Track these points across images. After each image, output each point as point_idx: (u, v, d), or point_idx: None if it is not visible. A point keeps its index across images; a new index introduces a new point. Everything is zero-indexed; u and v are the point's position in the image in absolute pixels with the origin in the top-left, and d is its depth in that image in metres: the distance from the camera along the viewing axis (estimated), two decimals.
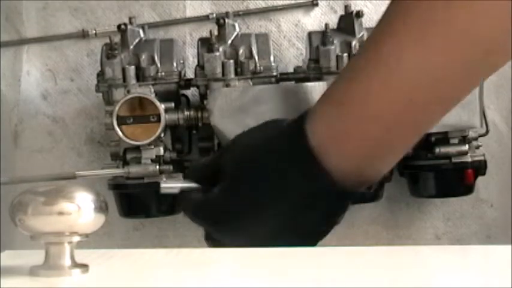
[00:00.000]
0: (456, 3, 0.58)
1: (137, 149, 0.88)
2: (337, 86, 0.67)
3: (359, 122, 0.63)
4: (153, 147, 0.88)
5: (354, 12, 0.90)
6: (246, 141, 0.71)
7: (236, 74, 0.88)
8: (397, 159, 0.67)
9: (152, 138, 0.86)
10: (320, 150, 0.64)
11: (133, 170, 0.87)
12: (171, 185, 0.71)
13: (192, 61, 0.98)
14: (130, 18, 0.92)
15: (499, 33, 0.58)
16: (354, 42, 0.89)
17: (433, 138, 0.89)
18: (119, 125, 0.86)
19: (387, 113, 0.62)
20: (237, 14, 0.98)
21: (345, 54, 0.88)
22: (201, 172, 0.73)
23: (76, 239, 0.47)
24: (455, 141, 0.90)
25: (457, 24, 0.59)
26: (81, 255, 0.48)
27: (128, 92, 0.87)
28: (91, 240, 0.49)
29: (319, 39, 0.89)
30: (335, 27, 0.93)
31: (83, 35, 0.99)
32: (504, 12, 0.57)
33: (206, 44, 0.88)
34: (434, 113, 0.64)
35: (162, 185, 0.70)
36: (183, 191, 0.71)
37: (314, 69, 0.89)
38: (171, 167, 0.89)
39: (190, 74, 0.95)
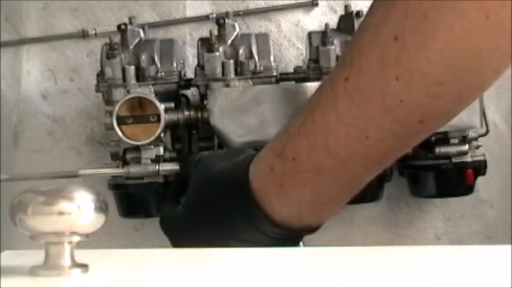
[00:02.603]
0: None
1: (137, 149, 0.88)
2: (281, 134, 0.67)
3: (299, 172, 0.64)
4: (153, 147, 0.88)
5: (354, 12, 0.90)
6: (206, 167, 0.72)
7: (236, 74, 0.88)
8: (339, 206, 0.68)
9: (152, 138, 0.86)
10: (260, 194, 0.65)
11: (133, 170, 0.87)
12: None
13: (192, 61, 0.98)
14: (130, 18, 0.92)
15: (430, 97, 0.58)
16: None
17: (433, 138, 0.89)
18: (118, 125, 0.86)
19: (328, 166, 0.63)
20: (237, 14, 0.98)
21: None
22: (186, 170, 0.75)
23: (76, 239, 0.47)
24: (455, 141, 0.90)
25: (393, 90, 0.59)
26: (81, 255, 0.48)
27: (128, 92, 0.87)
28: (91, 240, 0.49)
29: (319, 39, 0.89)
30: (335, 27, 0.93)
31: (83, 35, 0.99)
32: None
33: (206, 44, 0.88)
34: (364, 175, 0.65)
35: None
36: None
37: (314, 69, 0.89)
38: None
39: (190, 74, 0.95)
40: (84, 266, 0.48)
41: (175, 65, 0.90)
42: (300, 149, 0.63)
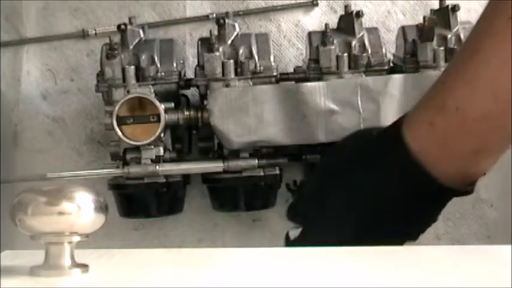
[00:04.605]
0: None
1: (137, 149, 0.88)
2: (435, 90, 0.67)
3: (464, 122, 0.64)
4: (153, 147, 0.88)
5: (354, 12, 0.90)
6: (338, 159, 0.73)
7: (236, 74, 0.88)
8: (501, 155, 0.68)
9: (152, 138, 0.86)
10: (422, 154, 0.65)
11: (133, 170, 0.87)
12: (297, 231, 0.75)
13: (192, 61, 0.98)
14: (130, 18, 0.92)
15: None
16: (354, 42, 0.89)
17: None
18: (118, 125, 0.86)
19: (494, 110, 0.62)
20: (237, 14, 0.98)
21: (345, 54, 0.88)
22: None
23: (76, 239, 0.47)
24: None
25: None
26: (81, 255, 0.48)
27: (128, 92, 0.87)
28: (91, 240, 0.49)
29: (319, 39, 0.89)
30: (335, 27, 0.93)
31: (83, 35, 0.99)
32: None
33: (206, 44, 0.88)
34: None
35: (291, 232, 0.75)
36: None
37: (314, 69, 0.89)
38: None
39: (190, 74, 0.95)
40: (84, 266, 0.48)
41: (175, 65, 0.90)
42: (463, 99, 0.63)
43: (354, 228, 0.69)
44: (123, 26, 0.90)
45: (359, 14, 0.90)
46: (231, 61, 0.88)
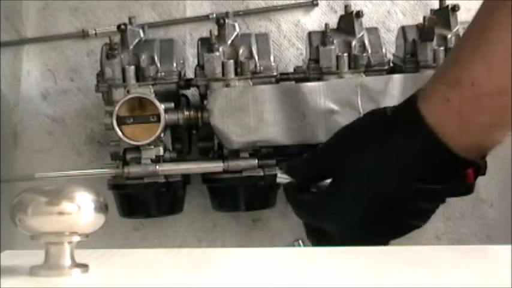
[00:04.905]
0: None
1: (137, 149, 0.88)
2: (449, 66, 0.68)
3: (480, 97, 0.64)
4: (153, 147, 0.88)
5: (354, 12, 0.90)
6: (353, 135, 0.73)
7: (236, 74, 0.88)
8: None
9: (152, 138, 0.86)
10: (438, 128, 0.66)
11: (133, 170, 0.87)
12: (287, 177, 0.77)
13: (192, 61, 0.98)
14: (130, 18, 0.92)
15: None
16: (354, 42, 0.89)
17: None
18: (118, 125, 0.86)
19: (509, 85, 0.63)
20: (237, 14, 0.98)
21: (345, 54, 0.88)
22: (305, 171, 0.75)
23: (76, 239, 0.47)
24: None
25: None
26: (81, 255, 0.48)
27: (128, 92, 0.87)
28: (91, 240, 0.49)
29: (319, 39, 0.89)
30: (335, 27, 0.93)
31: (83, 35, 0.99)
32: None
33: (206, 44, 0.88)
34: None
35: (279, 175, 0.76)
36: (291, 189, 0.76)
37: (314, 69, 0.89)
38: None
39: (190, 74, 0.95)
40: (84, 266, 0.48)
41: (175, 65, 0.90)
42: (478, 74, 0.64)
43: (370, 207, 0.70)
44: (123, 26, 0.90)
45: (359, 14, 0.90)
46: (231, 61, 0.88)
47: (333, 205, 0.72)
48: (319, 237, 0.75)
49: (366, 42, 0.89)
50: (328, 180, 0.73)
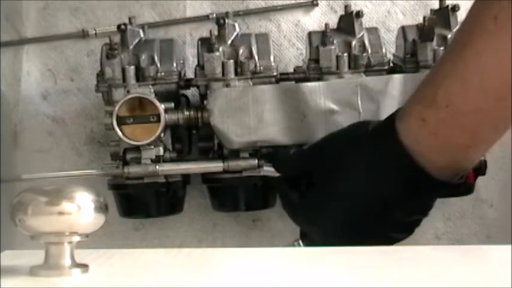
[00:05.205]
0: None
1: (137, 149, 0.88)
2: (426, 86, 0.68)
3: (455, 117, 0.65)
4: (152, 147, 0.88)
5: (354, 12, 0.90)
6: (334, 144, 0.75)
7: (236, 74, 0.88)
8: (490, 148, 0.70)
9: (152, 138, 0.86)
10: (415, 148, 0.67)
11: (133, 170, 0.87)
12: (272, 169, 0.81)
13: (192, 61, 0.98)
14: (130, 18, 0.92)
15: None
16: (354, 42, 0.89)
17: None
18: (118, 125, 0.86)
19: (485, 105, 0.63)
20: (237, 14, 0.98)
21: (345, 54, 0.88)
22: (290, 168, 0.78)
23: (76, 239, 0.47)
24: None
25: None
26: (81, 255, 0.48)
27: (128, 92, 0.87)
28: (91, 240, 0.49)
29: (319, 39, 0.89)
30: (335, 27, 0.93)
31: (83, 35, 0.99)
32: None
33: (206, 44, 0.88)
34: None
35: (265, 168, 0.81)
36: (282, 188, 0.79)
37: (314, 69, 0.89)
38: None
39: (190, 74, 0.95)
40: (84, 266, 0.48)
41: (175, 65, 0.90)
42: (453, 94, 0.64)
43: (347, 217, 0.70)
44: (123, 26, 0.90)
45: (359, 14, 0.90)
46: (231, 61, 0.88)
47: (312, 208, 0.73)
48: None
49: (366, 42, 0.89)
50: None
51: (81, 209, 0.46)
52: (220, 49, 0.88)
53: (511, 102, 0.63)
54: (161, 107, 0.86)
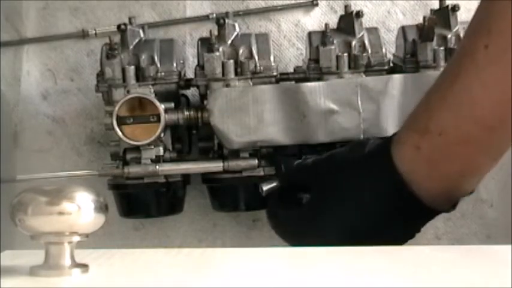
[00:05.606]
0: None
1: (137, 149, 0.88)
2: (420, 113, 0.69)
3: (448, 146, 0.66)
4: (153, 147, 0.88)
5: (354, 12, 0.90)
6: (332, 163, 0.75)
7: (236, 74, 0.88)
8: (483, 176, 0.70)
9: (152, 138, 0.86)
10: (409, 175, 0.67)
11: (133, 170, 0.87)
12: (271, 185, 0.81)
13: (192, 61, 0.98)
14: (130, 18, 0.92)
15: None
16: (354, 42, 0.89)
17: None
18: (118, 125, 0.86)
19: (477, 134, 0.64)
20: (237, 14, 0.98)
21: (345, 54, 0.88)
22: (291, 180, 0.79)
23: (76, 239, 0.47)
24: None
25: None
26: (81, 255, 0.48)
27: (128, 92, 0.87)
28: (91, 240, 0.49)
29: (319, 39, 0.89)
30: (335, 27, 0.93)
31: (83, 35, 0.99)
32: None
33: (206, 44, 0.88)
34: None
35: (264, 188, 0.80)
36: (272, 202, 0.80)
37: (314, 69, 0.89)
38: None
39: (190, 74, 0.95)
40: (84, 266, 0.48)
41: (175, 65, 0.90)
42: (445, 123, 0.65)
43: (334, 237, 0.71)
44: (123, 26, 0.90)
45: (359, 14, 0.90)
46: (231, 61, 0.88)
47: (301, 224, 0.73)
48: None
49: (366, 42, 0.89)
50: None
51: (81, 209, 0.46)
52: (220, 49, 0.88)
53: (503, 131, 0.64)
54: (161, 107, 0.86)
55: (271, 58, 0.90)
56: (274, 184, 0.81)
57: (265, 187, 0.80)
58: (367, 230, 0.70)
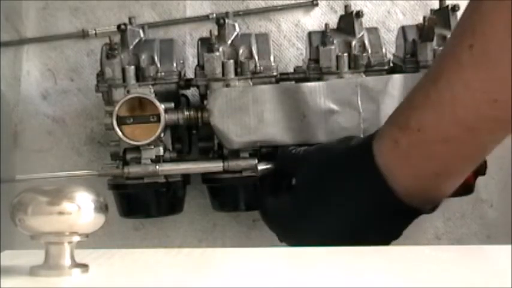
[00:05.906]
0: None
1: (137, 149, 0.88)
2: (403, 108, 0.69)
3: (425, 143, 0.65)
4: (152, 147, 0.88)
5: (354, 12, 0.90)
6: (317, 156, 0.76)
7: (236, 74, 0.88)
8: (461, 179, 0.69)
9: (152, 138, 0.86)
10: (386, 169, 0.67)
11: (133, 170, 0.87)
12: (266, 167, 0.85)
13: (192, 61, 0.98)
14: (130, 18, 0.92)
15: None
16: (354, 42, 0.89)
17: None
18: (118, 125, 0.86)
19: (456, 134, 0.64)
20: (237, 14, 0.98)
21: (345, 54, 0.88)
22: (283, 165, 0.81)
23: (76, 239, 0.47)
24: None
25: None
26: (81, 255, 0.48)
27: (128, 92, 0.87)
28: (91, 240, 0.49)
29: (319, 39, 0.89)
30: (335, 27, 0.93)
31: (83, 35, 0.99)
32: None
33: (206, 44, 0.88)
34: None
35: (259, 167, 0.85)
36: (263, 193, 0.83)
37: (314, 69, 0.89)
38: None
39: (190, 74, 0.95)
40: (84, 266, 0.48)
41: (175, 65, 0.90)
42: (425, 120, 0.65)
43: (323, 237, 0.71)
44: (123, 26, 0.90)
45: (359, 14, 0.90)
46: (231, 61, 0.88)
47: (291, 208, 0.74)
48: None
49: (366, 42, 0.89)
50: None
51: (81, 209, 0.46)
52: (220, 49, 0.88)
53: (482, 134, 0.64)
54: (161, 107, 0.86)
55: (271, 58, 0.90)
56: (269, 166, 0.84)
57: (260, 167, 0.83)
58: (348, 222, 0.70)
